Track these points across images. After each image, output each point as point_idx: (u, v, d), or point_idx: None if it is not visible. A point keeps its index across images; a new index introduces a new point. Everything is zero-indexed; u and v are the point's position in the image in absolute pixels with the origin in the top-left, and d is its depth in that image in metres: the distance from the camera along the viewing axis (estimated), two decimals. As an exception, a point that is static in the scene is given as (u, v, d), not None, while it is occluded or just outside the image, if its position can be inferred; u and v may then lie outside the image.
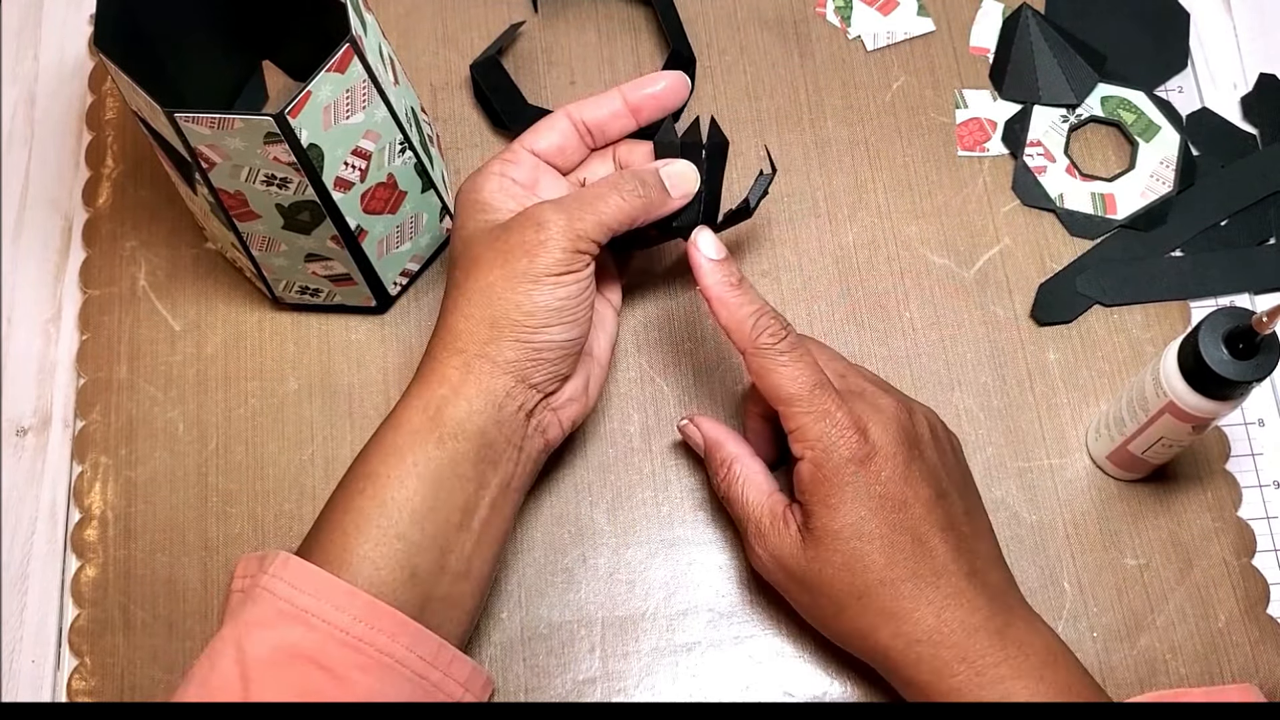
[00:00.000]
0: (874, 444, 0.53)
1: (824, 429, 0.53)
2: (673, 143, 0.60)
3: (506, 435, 0.55)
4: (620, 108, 0.61)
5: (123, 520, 0.63)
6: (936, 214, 0.68)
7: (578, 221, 0.55)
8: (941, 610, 0.52)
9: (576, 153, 0.61)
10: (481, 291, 0.54)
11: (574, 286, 0.55)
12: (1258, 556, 0.62)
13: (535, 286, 0.54)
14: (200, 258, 0.68)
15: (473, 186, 0.59)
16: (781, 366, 0.54)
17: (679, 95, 0.61)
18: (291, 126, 0.53)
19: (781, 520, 0.55)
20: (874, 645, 0.54)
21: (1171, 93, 0.71)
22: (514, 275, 0.54)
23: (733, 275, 0.55)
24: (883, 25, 0.72)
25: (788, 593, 0.57)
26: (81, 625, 0.61)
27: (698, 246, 0.56)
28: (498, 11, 0.73)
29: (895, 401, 0.55)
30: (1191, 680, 0.59)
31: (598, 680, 0.60)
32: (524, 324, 0.54)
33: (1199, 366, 0.52)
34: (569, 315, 0.55)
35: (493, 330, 0.54)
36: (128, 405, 0.65)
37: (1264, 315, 0.49)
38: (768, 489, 0.57)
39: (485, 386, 0.54)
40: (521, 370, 0.55)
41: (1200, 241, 0.67)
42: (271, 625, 0.51)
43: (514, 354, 0.54)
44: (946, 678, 0.52)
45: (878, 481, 0.53)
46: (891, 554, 0.52)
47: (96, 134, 0.71)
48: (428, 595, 0.53)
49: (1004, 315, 0.66)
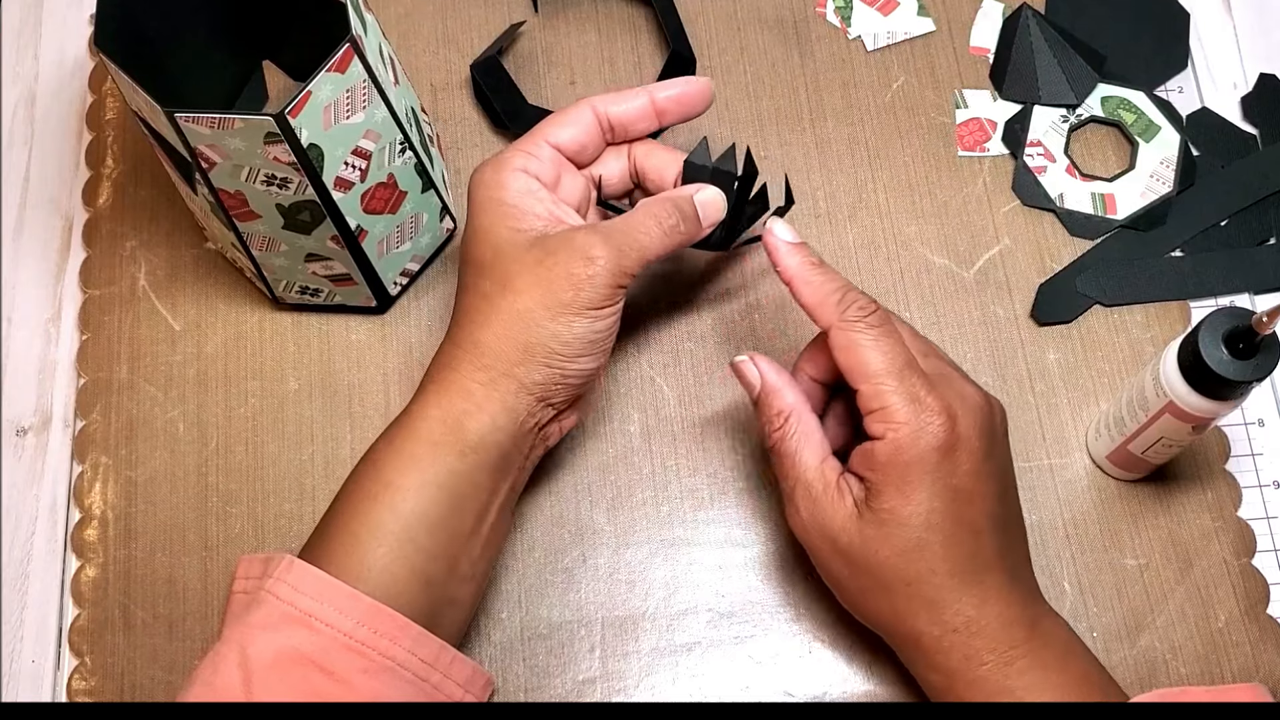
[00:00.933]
0: (960, 434, 0.52)
1: (913, 412, 0.51)
2: (704, 167, 0.59)
3: (519, 447, 0.55)
4: (647, 108, 0.59)
5: (123, 520, 0.63)
6: (936, 214, 0.68)
7: (624, 258, 0.54)
8: (983, 603, 0.52)
9: (596, 150, 0.60)
10: (519, 315, 0.54)
11: (610, 319, 0.55)
12: (1258, 556, 0.62)
13: (577, 318, 0.54)
14: (200, 258, 0.68)
15: (496, 182, 0.56)
16: (870, 341, 0.53)
17: (705, 103, 0.60)
18: (292, 126, 0.53)
19: (835, 489, 0.53)
20: (907, 629, 0.53)
21: (1171, 93, 0.71)
22: (556, 305, 0.53)
23: (812, 256, 0.55)
24: (883, 25, 0.72)
25: (824, 562, 0.55)
26: (82, 625, 0.61)
27: (774, 233, 0.56)
28: (498, 11, 0.73)
29: (979, 391, 0.54)
30: (1191, 680, 0.59)
31: (597, 680, 0.60)
32: (559, 352, 0.54)
33: (1199, 366, 0.52)
34: (601, 345, 0.55)
35: (525, 354, 0.54)
36: (128, 405, 0.65)
37: (1264, 315, 0.49)
38: (823, 452, 0.55)
39: (509, 405, 0.54)
40: (546, 392, 0.55)
41: (1200, 241, 0.67)
42: (275, 628, 0.51)
43: (541, 377, 0.54)
44: (975, 666, 0.52)
45: (956, 474, 0.52)
46: (950, 547, 0.52)
47: (97, 134, 0.71)
48: (438, 601, 0.53)
49: (1004, 315, 0.66)
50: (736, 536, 0.62)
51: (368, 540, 0.52)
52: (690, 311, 0.67)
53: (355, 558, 0.52)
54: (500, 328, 0.54)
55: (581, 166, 0.60)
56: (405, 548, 0.52)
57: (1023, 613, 0.53)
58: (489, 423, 0.54)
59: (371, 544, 0.52)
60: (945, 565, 0.52)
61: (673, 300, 0.67)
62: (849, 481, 0.54)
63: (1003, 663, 0.52)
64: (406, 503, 0.52)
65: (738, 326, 0.66)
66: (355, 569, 0.51)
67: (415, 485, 0.53)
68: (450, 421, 0.53)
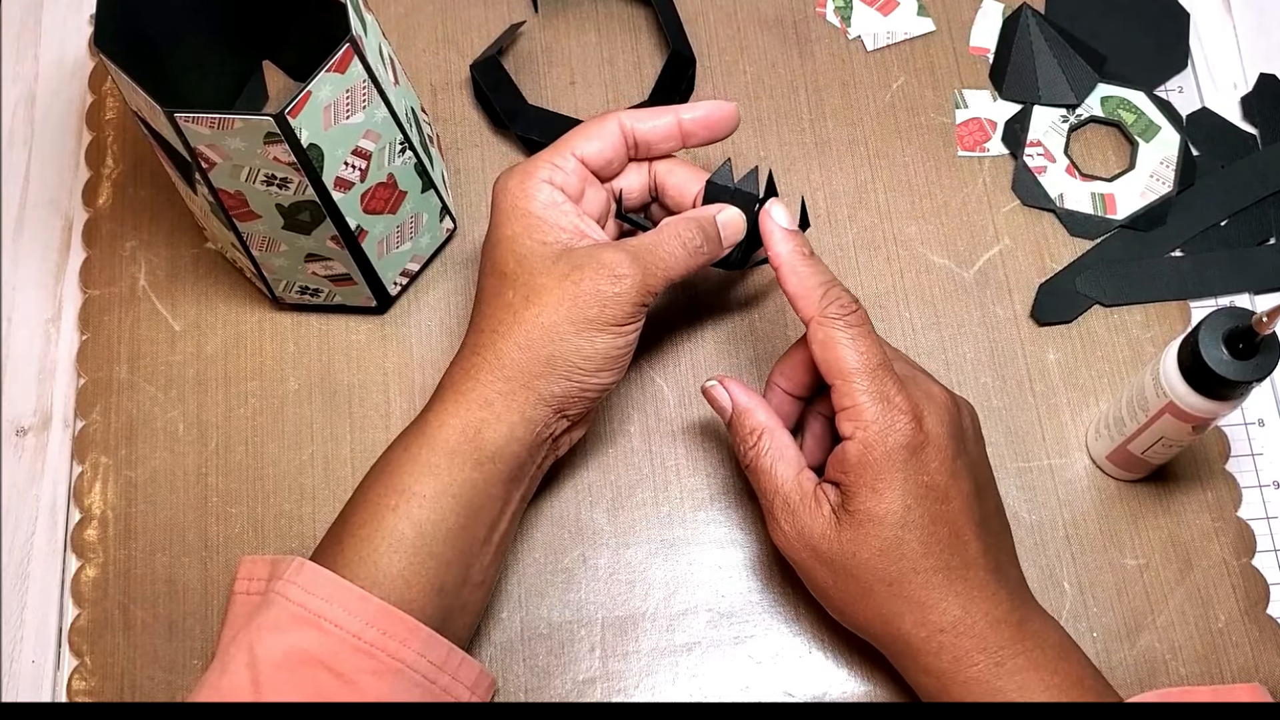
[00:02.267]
0: (928, 433, 0.52)
1: (881, 411, 0.52)
2: (726, 188, 0.59)
3: (533, 457, 0.56)
4: (673, 128, 0.59)
5: (123, 520, 0.63)
6: (936, 214, 0.68)
7: (649, 277, 0.55)
8: (968, 602, 0.52)
9: (620, 165, 0.60)
10: (544, 329, 0.54)
11: (632, 336, 0.56)
12: (1258, 557, 0.62)
13: (600, 334, 0.54)
14: (200, 258, 0.68)
15: (522, 193, 0.56)
16: (848, 340, 0.53)
17: (731, 126, 0.60)
18: (291, 126, 0.53)
19: (813, 499, 0.54)
20: (895, 632, 0.53)
21: (1171, 93, 0.71)
22: (581, 320, 0.54)
23: (804, 246, 0.56)
24: (883, 25, 0.72)
25: (809, 572, 0.55)
26: (82, 625, 0.61)
27: (770, 215, 0.56)
28: (498, 12, 0.73)
29: (945, 392, 0.55)
30: (1192, 681, 0.59)
31: (598, 680, 0.60)
32: (581, 367, 0.54)
33: (1199, 367, 0.52)
34: (620, 360, 0.56)
35: (547, 367, 0.54)
36: (128, 405, 0.65)
37: (1264, 315, 0.49)
38: (798, 465, 0.55)
39: (528, 416, 0.54)
40: (563, 404, 0.55)
41: (1200, 241, 0.67)
42: (284, 629, 0.51)
43: (561, 390, 0.54)
44: (966, 667, 0.52)
45: (926, 471, 0.52)
46: (929, 544, 0.52)
47: (96, 134, 0.71)
48: (451, 607, 0.54)
49: (1004, 315, 0.66)
50: (737, 536, 0.62)
51: (383, 547, 0.52)
52: (690, 312, 0.67)
53: (370, 564, 0.52)
54: (523, 339, 0.54)
55: (605, 180, 0.60)
56: (421, 556, 0.52)
57: (1010, 611, 0.53)
58: (507, 433, 0.54)
59: (387, 551, 0.52)
60: (926, 563, 0.52)
61: (673, 301, 0.67)
62: (825, 490, 0.54)
63: (993, 663, 0.52)
64: (423, 511, 0.52)
65: (737, 326, 0.66)
66: (370, 574, 0.52)
67: (432, 494, 0.53)
68: (469, 431, 0.54)
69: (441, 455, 0.53)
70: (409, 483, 0.53)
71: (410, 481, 0.53)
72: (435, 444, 0.54)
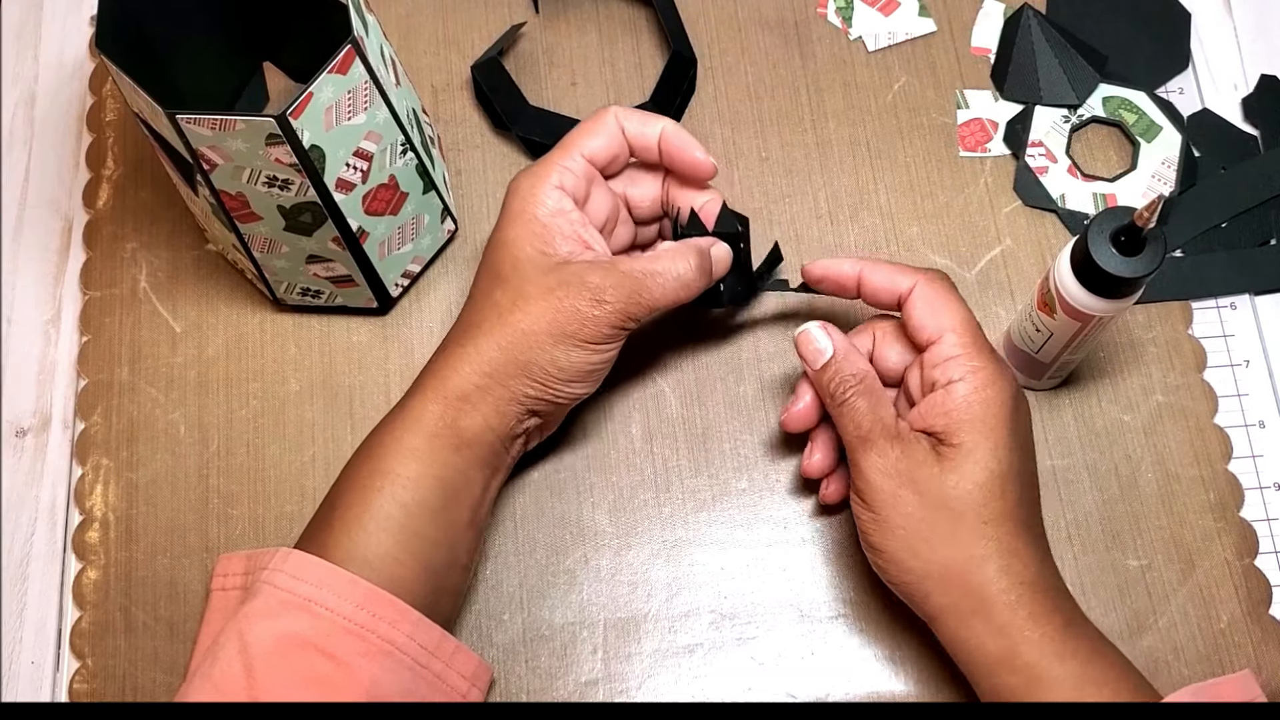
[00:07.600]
0: (1020, 390, 0.56)
1: (989, 359, 0.55)
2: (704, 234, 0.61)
3: (506, 447, 0.58)
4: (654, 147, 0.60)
5: (124, 522, 0.63)
6: (938, 215, 0.68)
7: (632, 306, 0.56)
8: (1044, 560, 0.54)
9: (624, 162, 0.61)
10: (524, 335, 0.55)
11: (609, 354, 0.57)
12: (1260, 557, 0.62)
13: (576, 350, 0.56)
14: (201, 259, 0.68)
15: (532, 197, 0.57)
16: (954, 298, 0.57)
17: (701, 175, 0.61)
18: (293, 128, 0.53)
19: (911, 434, 0.55)
20: (974, 581, 0.52)
21: (1173, 93, 0.71)
22: (559, 334, 0.55)
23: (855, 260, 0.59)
24: (884, 26, 0.72)
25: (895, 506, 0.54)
26: (83, 627, 0.61)
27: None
28: (499, 13, 0.73)
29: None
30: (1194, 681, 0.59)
31: (600, 682, 0.60)
32: (555, 376, 0.56)
33: (1088, 265, 0.53)
34: (594, 375, 0.58)
35: (522, 370, 0.56)
36: (129, 407, 0.65)
37: (1145, 209, 0.51)
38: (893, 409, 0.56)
39: (501, 410, 0.56)
40: (535, 405, 0.57)
41: (1201, 242, 0.67)
42: (275, 615, 0.51)
43: (534, 393, 0.56)
44: (1042, 624, 0.52)
45: (1022, 426, 0.55)
46: (1021, 496, 0.54)
47: (97, 135, 0.71)
48: (439, 588, 0.55)
49: (1005, 316, 0.66)
50: (739, 537, 0.62)
51: (372, 527, 0.53)
52: (691, 314, 0.66)
53: (360, 544, 0.53)
54: (504, 340, 0.56)
55: (609, 177, 0.61)
56: (408, 534, 0.54)
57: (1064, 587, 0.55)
58: (482, 423, 0.56)
59: (376, 531, 0.53)
60: (1020, 512, 0.54)
61: (674, 301, 0.67)
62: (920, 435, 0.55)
63: (1064, 623, 0.52)
64: (408, 491, 0.54)
65: (737, 326, 0.66)
66: (361, 554, 0.53)
67: (415, 475, 0.54)
68: (448, 418, 0.56)
69: (423, 439, 0.55)
70: (393, 464, 0.55)
71: (394, 464, 0.55)
72: (417, 428, 0.55)
